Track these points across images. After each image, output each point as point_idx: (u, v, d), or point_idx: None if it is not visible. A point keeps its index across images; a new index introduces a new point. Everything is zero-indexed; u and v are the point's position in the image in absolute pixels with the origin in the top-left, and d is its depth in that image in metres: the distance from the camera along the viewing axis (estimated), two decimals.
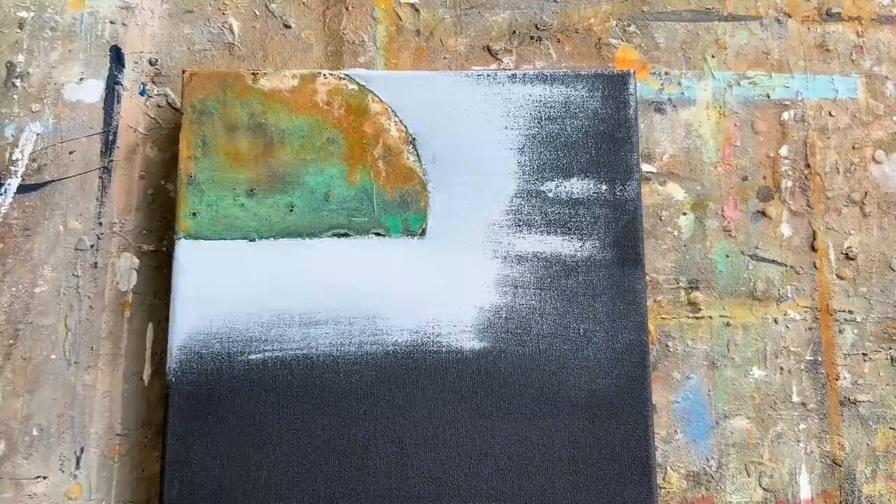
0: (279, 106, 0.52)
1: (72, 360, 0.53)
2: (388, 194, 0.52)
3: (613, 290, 0.51)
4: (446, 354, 0.50)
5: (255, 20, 0.57)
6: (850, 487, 0.53)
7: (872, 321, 0.55)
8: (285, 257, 0.51)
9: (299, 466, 0.49)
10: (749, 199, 0.56)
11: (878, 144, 0.57)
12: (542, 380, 0.50)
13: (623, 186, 0.52)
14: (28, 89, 0.56)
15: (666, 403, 0.53)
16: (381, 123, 0.53)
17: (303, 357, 0.50)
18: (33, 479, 0.51)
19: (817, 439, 0.53)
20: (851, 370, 0.54)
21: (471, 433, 0.49)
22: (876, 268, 0.56)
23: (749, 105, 0.57)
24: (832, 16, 0.59)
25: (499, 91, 0.53)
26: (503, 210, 0.52)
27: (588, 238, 0.52)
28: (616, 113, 0.53)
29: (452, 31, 0.58)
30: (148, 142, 0.56)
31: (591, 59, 0.58)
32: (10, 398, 0.52)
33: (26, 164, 0.55)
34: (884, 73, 0.58)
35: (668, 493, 0.53)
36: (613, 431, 0.49)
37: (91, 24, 0.57)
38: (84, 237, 0.54)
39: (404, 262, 0.51)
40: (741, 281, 0.55)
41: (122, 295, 0.54)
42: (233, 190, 0.51)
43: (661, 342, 0.54)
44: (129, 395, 0.52)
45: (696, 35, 0.58)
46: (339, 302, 0.50)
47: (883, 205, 0.56)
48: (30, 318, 0.53)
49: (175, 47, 0.57)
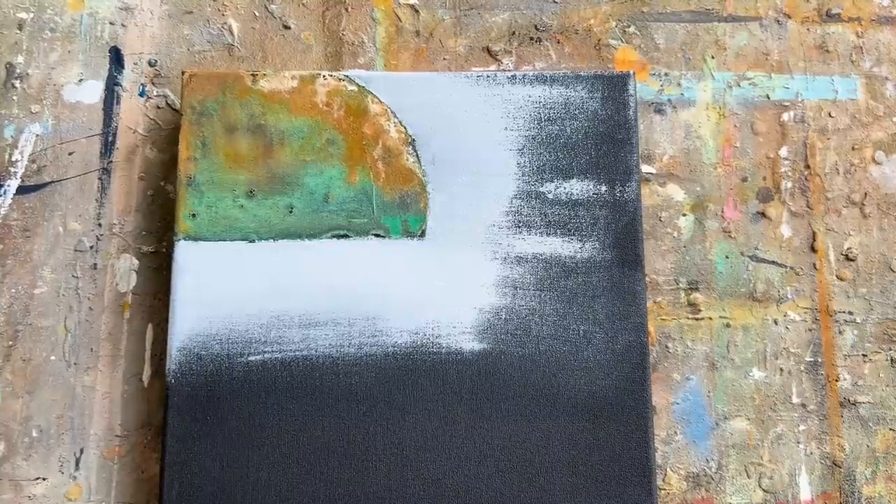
0: (279, 107, 0.52)
1: (71, 361, 0.53)
2: (387, 195, 0.52)
3: (613, 292, 0.51)
4: (446, 356, 0.50)
5: (254, 21, 0.57)
6: (850, 489, 0.53)
7: (872, 322, 0.55)
8: (285, 258, 0.51)
9: (299, 468, 0.49)
10: (749, 200, 0.56)
11: (878, 145, 0.57)
12: (541, 381, 0.50)
13: (623, 187, 0.52)
14: (27, 90, 0.56)
15: (666, 405, 0.53)
16: (380, 124, 0.52)
17: (302, 358, 0.50)
18: (33, 481, 0.51)
19: (817, 440, 0.53)
20: (851, 371, 0.54)
21: (470, 434, 0.49)
22: (876, 269, 0.56)
23: (749, 106, 0.57)
24: (832, 16, 0.59)
25: (498, 92, 0.53)
26: (503, 211, 0.52)
27: (588, 239, 0.52)
28: (616, 114, 0.53)
29: (452, 32, 0.58)
30: (147, 143, 0.56)
31: (590, 60, 0.58)
32: (10, 399, 0.52)
33: (26, 165, 0.55)
34: (884, 74, 0.58)
35: (668, 495, 0.52)
36: (613, 433, 0.49)
37: (90, 25, 0.57)
38: (83, 238, 0.54)
39: (404, 263, 0.51)
40: (741, 282, 0.55)
41: (121, 296, 0.54)
42: (232, 191, 0.51)
43: (661, 343, 0.54)
44: (129, 397, 0.52)
45: (696, 36, 0.58)
46: (339, 303, 0.50)
47: (883, 206, 0.56)
48: (29, 319, 0.53)
49: (174, 48, 0.57)
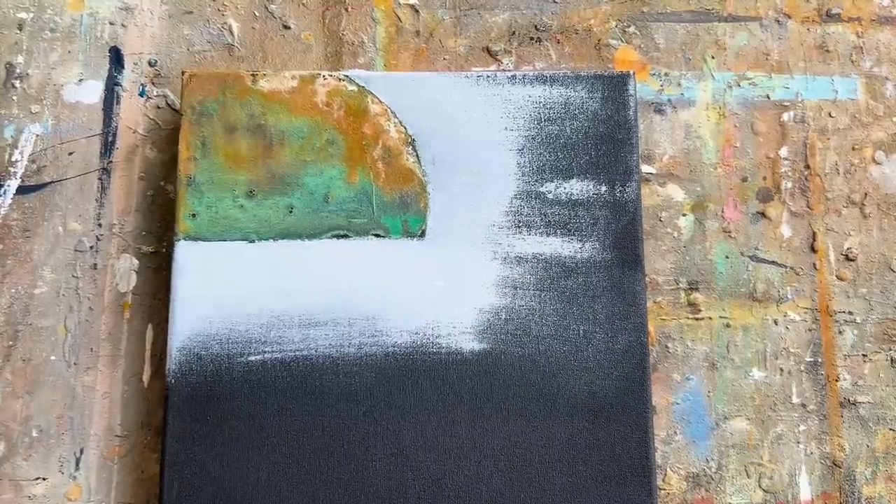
0: (279, 107, 0.52)
1: (71, 361, 0.53)
2: (387, 195, 0.52)
3: (613, 292, 0.51)
4: (446, 356, 0.50)
5: (254, 21, 0.57)
6: (850, 489, 0.53)
7: (872, 322, 0.55)
8: (285, 259, 0.51)
9: (299, 468, 0.49)
10: (749, 200, 0.56)
11: (878, 145, 0.57)
12: (541, 381, 0.50)
13: (623, 188, 0.52)
14: (27, 90, 0.56)
15: (666, 405, 0.53)
16: (380, 124, 0.52)
17: (302, 358, 0.50)
18: (33, 481, 0.51)
19: (817, 440, 0.53)
20: (851, 371, 0.54)
21: (470, 434, 0.49)
22: (876, 269, 0.56)
23: (749, 106, 0.57)
24: (832, 16, 0.59)
25: (498, 92, 0.53)
26: (503, 211, 0.52)
27: (588, 239, 0.52)
28: (616, 114, 0.53)
29: (452, 32, 0.58)
30: (147, 143, 0.56)
31: (590, 60, 0.58)
32: (10, 399, 0.52)
33: (26, 165, 0.55)
34: (884, 74, 0.58)
35: (668, 495, 0.52)
36: (613, 433, 0.49)
37: (90, 25, 0.57)
38: (83, 238, 0.54)
39: (404, 263, 0.51)
40: (741, 282, 0.55)
41: (121, 296, 0.54)
42: (232, 191, 0.51)
43: (661, 343, 0.54)
44: (129, 397, 0.52)
45: (696, 36, 0.58)
46: (339, 303, 0.50)
47: (883, 206, 0.56)
48: (29, 319, 0.53)
49: (174, 48, 0.57)
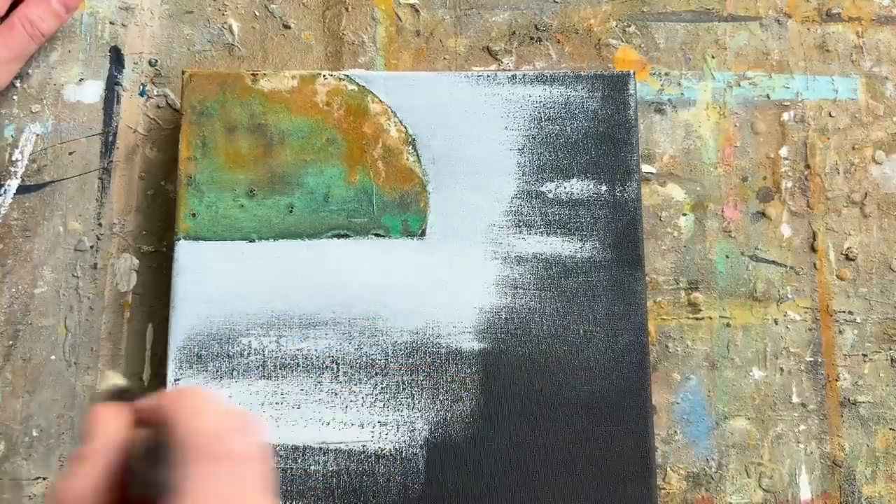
0: (279, 107, 0.52)
1: (71, 360, 0.53)
2: (387, 195, 0.52)
3: (613, 291, 0.51)
4: (446, 356, 0.50)
5: (254, 21, 0.57)
6: (850, 488, 0.53)
7: (872, 322, 0.55)
8: (285, 258, 0.51)
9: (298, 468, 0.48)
10: (749, 199, 0.56)
11: (878, 145, 0.57)
12: (541, 381, 0.50)
13: (623, 187, 0.52)
14: (28, 90, 0.56)
15: (666, 404, 0.53)
16: (380, 124, 0.52)
17: (302, 358, 0.50)
18: (33, 480, 0.51)
19: (817, 440, 0.53)
20: (851, 371, 0.54)
21: (470, 434, 0.49)
22: (876, 268, 0.56)
23: (749, 106, 0.57)
24: (832, 16, 0.59)
25: (498, 92, 0.53)
26: (503, 211, 0.52)
27: (588, 239, 0.52)
28: (616, 114, 0.53)
29: (452, 32, 0.58)
30: (147, 143, 0.56)
31: (590, 60, 0.58)
32: (10, 399, 0.52)
33: (26, 164, 0.55)
34: (884, 74, 0.58)
35: (668, 494, 0.52)
36: (613, 432, 0.49)
37: (90, 24, 0.57)
38: (84, 238, 0.54)
39: (404, 262, 0.51)
40: (741, 282, 0.55)
41: (121, 296, 0.54)
42: (232, 191, 0.51)
43: (661, 343, 0.54)
44: None
45: (696, 36, 0.58)
46: (339, 303, 0.50)
47: (883, 205, 0.56)
48: (29, 319, 0.53)
49: (175, 48, 0.57)
